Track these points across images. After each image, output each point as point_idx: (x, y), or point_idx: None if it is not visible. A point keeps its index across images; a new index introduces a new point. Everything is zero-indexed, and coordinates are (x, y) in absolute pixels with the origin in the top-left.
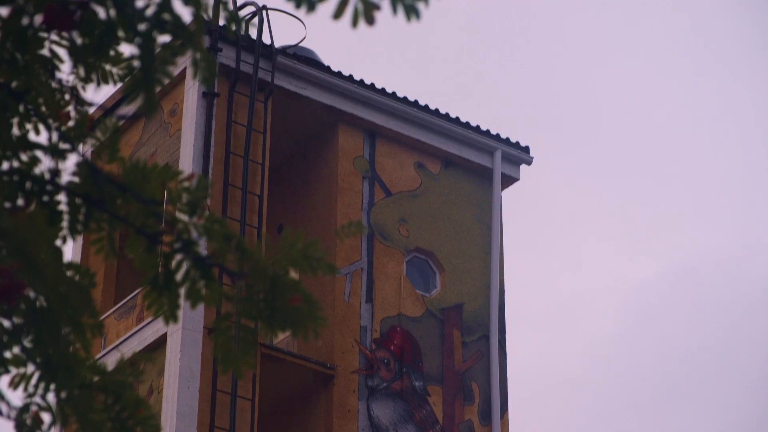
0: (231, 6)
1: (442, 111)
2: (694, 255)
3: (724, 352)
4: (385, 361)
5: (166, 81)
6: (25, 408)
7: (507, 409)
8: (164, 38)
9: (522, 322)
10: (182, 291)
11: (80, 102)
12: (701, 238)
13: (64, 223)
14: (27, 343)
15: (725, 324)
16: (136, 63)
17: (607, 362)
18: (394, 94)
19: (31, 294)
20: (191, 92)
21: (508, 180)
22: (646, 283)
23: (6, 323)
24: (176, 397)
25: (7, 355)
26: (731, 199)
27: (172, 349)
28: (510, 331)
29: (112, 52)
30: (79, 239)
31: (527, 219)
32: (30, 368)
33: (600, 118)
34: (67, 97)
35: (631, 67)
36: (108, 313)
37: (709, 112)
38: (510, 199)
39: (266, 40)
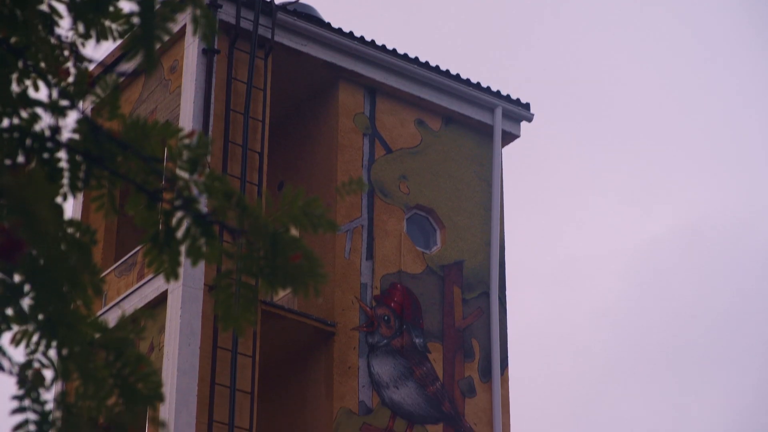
0: None
1: (443, 68)
2: (703, 215)
3: (733, 313)
4: (386, 317)
5: (166, 38)
6: (27, 364)
7: (507, 365)
8: None
9: (527, 280)
10: (183, 248)
11: (80, 58)
12: (711, 199)
13: (65, 181)
14: (28, 301)
15: (735, 285)
16: (135, 19)
17: (614, 322)
18: (394, 50)
19: (32, 252)
20: (191, 49)
21: (509, 137)
22: (654, 244)
23: (7, 281)
24: (177, 353)
25: (9, 312)
26: (741, 158)
27: (173, 306)
28: (514, 290)
29: (111, 8)
30: (80, 197)
31: (529, 176)
32: (31, 326)
33: (604, 75)
34: (66, 53)
35: (636, 19)
36: (108, 270)
37: (722, 71)
38: (511, 157)
39: None
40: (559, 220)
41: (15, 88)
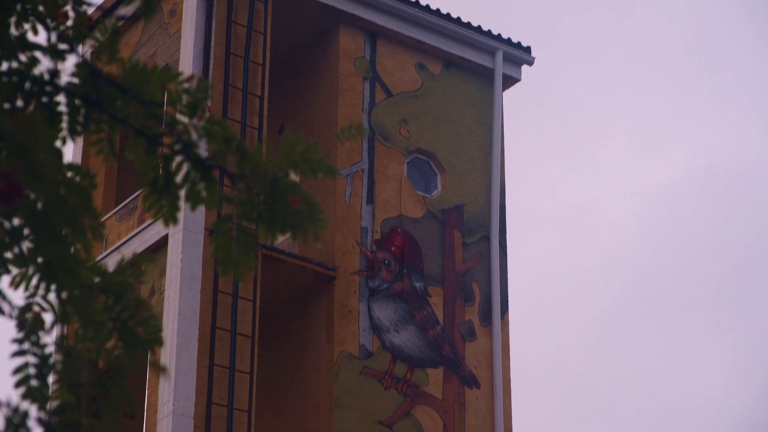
0: None
1: (443, 11)
2: (718, 158)
3: (748, 256)
4: (386, 261)
5: None
6: (26, 308)
7: (507, 309)
8: None
9: (534, 224)
10: (182, 193)
11: (78, 2)
12: (726, 139)
13: (64, 125)
14: (27, 245)
15: (750, 227)
16: None
17: (627, 266)
18: None
19: (31, 196)
20: None
21: (510, 81)
22: (667, 187)
23: (6, 224)
24: (177, 298)
25: (8, 255)
26: (757, 98)
27: (173, 251)
28: (520, 235)
29: None
30: (79, 141)
31: (532, 120)
32: (31, 269)
33: (607, 17)
34: None
35: None
36: (109, 214)
37: (736, 8)
38: (512, 101)
39: None
40: (566, 164)
41: (14, 31)
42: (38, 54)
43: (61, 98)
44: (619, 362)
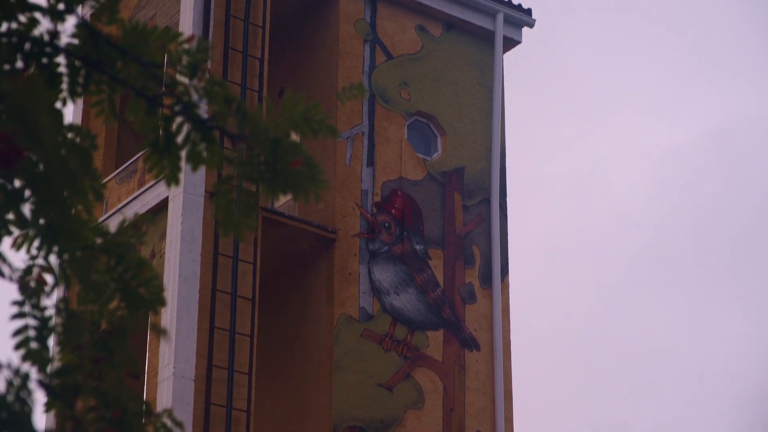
0: None
1: None
2: (729, 120)
3: (759, 219)
4: (386, 224)
5: None
6: (28, 270)
7: (507, 272)
8: None
9: (538, 189)
10: (183, 154)
11: None
12: (737, 103)
13: (64, 86)
14: (28, 206)
15: (761, 190)
16: None
17: (635, 231)
18: None
19: (31, 157)
20: None
21: (510, 43)
22: (677, 150)
23: (7, 186)
24: (178, 260)
25: (9, 217)
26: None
27: (174, 213)
28: (525, 198)
29: None
30: (79, 103)
31: (535, 84)
32: (32, 231)
33: None
34: None
35: None
36: (109, 177)
37: None
38: (514, 63)
39: None
40: (571, 127)
41: None
42: (38, 15)
43: (60, 59)
44: (624, 326)
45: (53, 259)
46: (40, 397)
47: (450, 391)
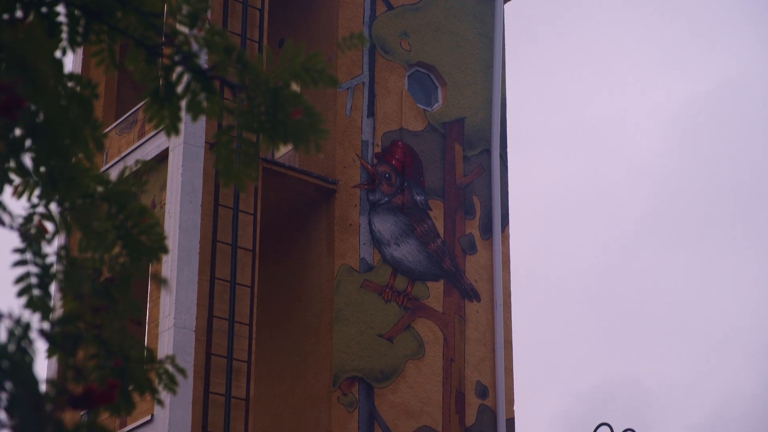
0: None
1: None
2: (743, 70)
3: None
4: (387, 175)
5: None
6: (29, 218)
7: (508, 223)
8: None
9: (544, 141)
10: (183, 104)
11: None
12: (752, 52)
13: (64, 35)
14: (29, 155)
15: None
16: None
17: (651, 182)
18: None
19: (32, 107)
20: None
21: None
22: (692, 101)
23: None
24: (178, 211)
25: (10, 165)
26: None
27: (174, 164)
28: (530, 150)
29: None
30: (79, 53)
31: (541, 35)
32: (33, 179)
33: None
34: None
35: None
36: (109, 128)
37: None
38: (517, 14)
39: None
40: (580, 79)
41: None
42: None
43: (60, 9)
44: (636, 279)
45: (54, 207)
46: (41, 347)
47: (450, 341)
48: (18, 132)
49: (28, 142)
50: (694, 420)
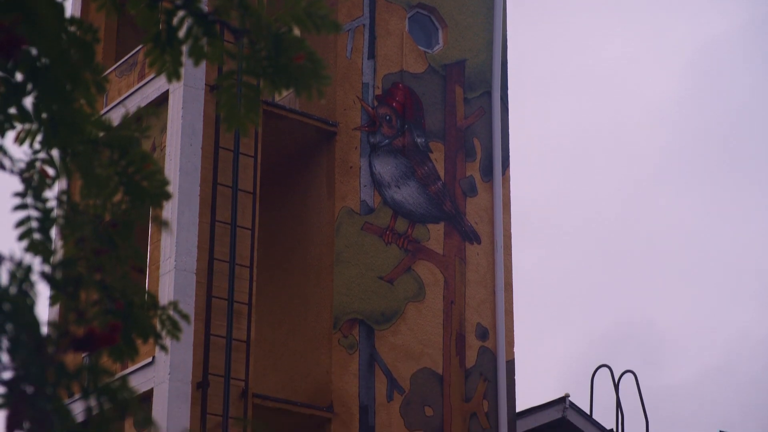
0: None
1: None
2: (763, 13)
3: None
4: (387, 117)
5: None
6: (30, 164)
7: (508, 165)
8: None
9: (561, 85)
10: (184, 48)
11: None
12: None
13: None
14: (30, 99)
15: None
16: None
17: (671, 124)
18: None
19: (33, 50)
20: None
21: None
22: (710, 43)
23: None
24: (179, 154)
25: (11, 110)
26: None
27: (174, 107)
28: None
29: None
30: None
31: None
32: (34, 124)
33: None
34: None
35: None
36: (109, 70)
37: None
38: None
39: None
40: (591, 22)
41: None
42: None
43: None
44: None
45: (55, 153)
46: (42, 290)
47: (450, 283)
48: (19, 77)
49: (29, 87)
50: (708, 361)
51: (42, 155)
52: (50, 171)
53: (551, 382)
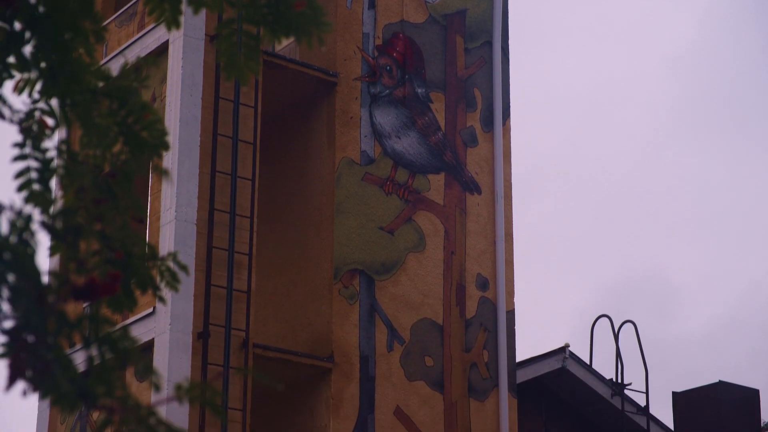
0: None
1: None
2: None
3: None
4: (388, 67)
5: None
6: (30, 113)
7: (509, 115)
8: None
9: (573, 35)
10: None
11: None
12: None
13: None
14: (29, 48)
15: None
16: None
17: (685, 74)
18: None
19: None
20: None
21: None
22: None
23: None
24: (179, 104)
25: (10, 60)
26: None
27: (174, 57)
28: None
29: None
30: None
31: None
32: (33, 74)
33: None
34: None
35: None
36: (109, 20)
37: None
38: None
39: None
40: None
41: None
42: None
43: None
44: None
45: (55, 102)
46: (43, 240)
47: (451, 234)
48: (18, 26)
49: (27, 35)
50: (718, 310)
51: (41, 105)
52: (49, 121)
53: (562, 333)
